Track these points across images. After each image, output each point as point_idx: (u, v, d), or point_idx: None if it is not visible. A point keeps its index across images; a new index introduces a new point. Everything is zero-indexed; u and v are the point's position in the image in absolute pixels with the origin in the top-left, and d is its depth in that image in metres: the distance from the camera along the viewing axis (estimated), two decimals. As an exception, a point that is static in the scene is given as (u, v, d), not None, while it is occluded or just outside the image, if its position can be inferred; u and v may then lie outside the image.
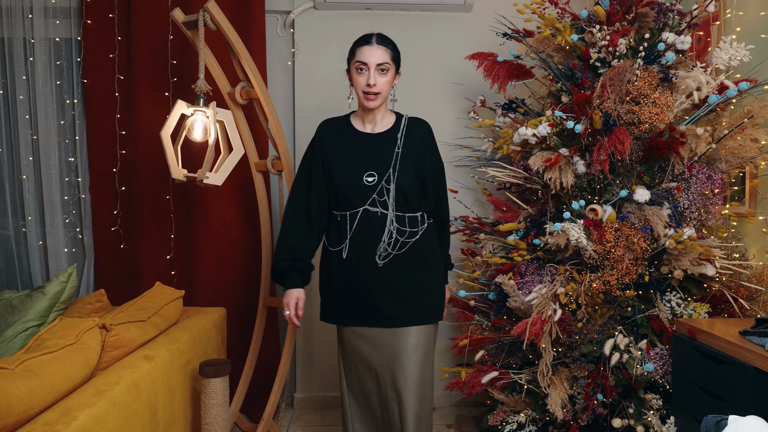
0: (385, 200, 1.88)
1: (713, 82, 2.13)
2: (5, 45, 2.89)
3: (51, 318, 2.15)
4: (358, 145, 1.94)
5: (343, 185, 1.90)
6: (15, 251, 2.98)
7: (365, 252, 1.88)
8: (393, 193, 1.87)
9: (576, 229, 2.06)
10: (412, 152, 1.93)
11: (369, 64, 1.87)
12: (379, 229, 1.87)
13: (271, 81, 3.05)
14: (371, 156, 1.91)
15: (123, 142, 2.89)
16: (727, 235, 2.28)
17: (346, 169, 1.91)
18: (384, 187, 1.87)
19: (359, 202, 1.89)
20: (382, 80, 1.89)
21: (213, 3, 2.24)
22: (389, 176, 1.88)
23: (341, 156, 1.93)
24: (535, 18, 2.46)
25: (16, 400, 1.30)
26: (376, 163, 1.90)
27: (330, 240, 1.97)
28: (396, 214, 1.88)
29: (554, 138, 2.25)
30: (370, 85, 1.86)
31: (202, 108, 2.29)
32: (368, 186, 1.88)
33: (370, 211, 1.88)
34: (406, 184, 1.88)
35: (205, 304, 2.85)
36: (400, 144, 1.93)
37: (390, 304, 1.88)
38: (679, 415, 1.89)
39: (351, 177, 1.89)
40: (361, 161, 1.91)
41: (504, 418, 2.29)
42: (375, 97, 1.89)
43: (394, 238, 1.88)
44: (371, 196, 1.88)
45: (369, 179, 1.88)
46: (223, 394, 2.09)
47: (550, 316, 2.06)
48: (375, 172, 1.89)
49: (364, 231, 1.89)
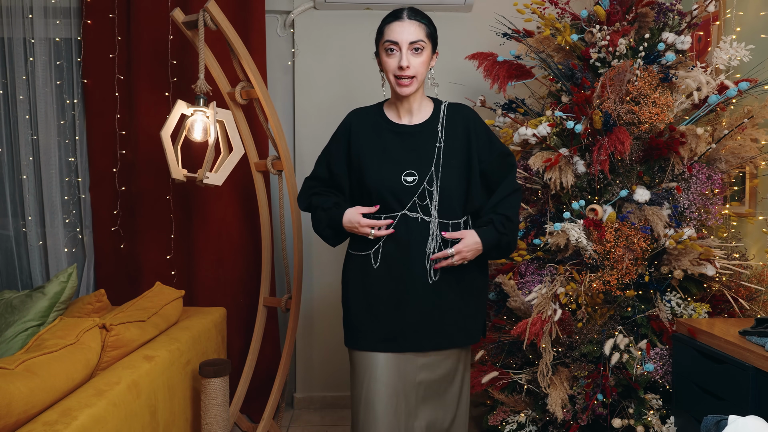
0: (427, 205, 1.62)
1: (713, 82, 2.13)
2: (5, 45, 2.89)
3: (51, 318, 2.15)
4: (394, 140, 1.67)
5: (377, 185, 1.63)
6: (15, 251, 2.98)
7: (399, 264, 1.62)
8: (437, 197, 1.61)
9: (576, 229, 2.06)
10: (455, 146, 1.66)
11: (401, 43, 1.59)
12: (421, 238, 1.61)
13: (271, 81, 3.05)
14: (410, 152, 1.65)
15: (123, 142, 2.89)
16: (727, 235, 2.28)
17: (382, 168, 1.64)
18: (426, 189, 1.61)
19: (397, 206, 1.62)
20: (416, 61, 1.60)
21: (213, 3, 2.24)
22: (431, 176, 1.62)
23: (375, 152, 1.66)
24: (535, 18, 2.46)
25: (16, 400, 1.30)
26: (416, 161, 1.63)
27: (354, 244, 1.70)
28: (440, 221, 1.62)
29: (554, 138, 2.25)
30: (403, 67, 1.59)
31: (202, 108, 2.29)
32: (407, 187, 1.62)
33: (409, 216, 1.62)
34: (451, 186, 1.63)
35: (205, 304, 2.85)
36: (442, 137, 1.65)
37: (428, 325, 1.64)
38: (679, 415, 1.89)
39: (388, 176, 1.63)
40: (399, 159, 1.64)
41: (504, 418, 2.29)
42: (410, 82, 1.61)
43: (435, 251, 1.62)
44: (411, 199, 1.62)
45: (408, 179, 1.62)
46: (223, 394, 2.09)
47: (550, 316, 2.06)
48: (415, 171, 1.62)
49: (401, 240, 1.62)
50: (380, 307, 1.64)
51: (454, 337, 1.67)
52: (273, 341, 2.94)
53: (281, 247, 2.91)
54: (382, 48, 1.64)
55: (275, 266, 2.99)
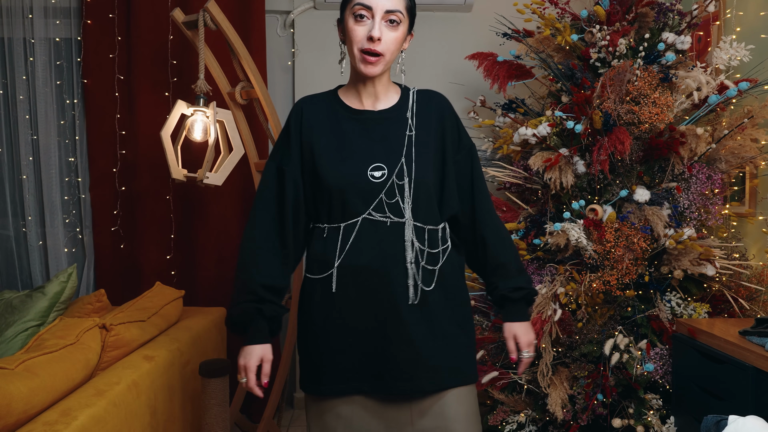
0: (398, 202, 1.28)
1: (713, 82, 2.13)
2: (5, 45, 2.89)
3: (51, 318, 2.15)
4: (355, 129, 1.34)
5: (339, 185, 1.29)
6: (15, 251, 2.98)
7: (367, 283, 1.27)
8: (411, 193, 1.29)
9: (576, 229, 2.06)
10: (428, 135, 1.36)
11: (375, 9, 1.26)
12: (391, 246, 1.27)
13: (271, 81, 3.05)
14: (376, 141, 1.33)
15: (123, 142, 2.89)
16: (727, 235, 2.28)
17: (342, 163, 1.31)
18: (395, 184, 1.29)
19: (362, 206, 1.28)
20: (390, 36, 1.29)
21: (213, 3, 2.24)
22: (402, 169, 1.30)
23: (332, 144, 1.33)
24: (535, 18, 2.46)
25: (16, 400, 1.30)
26: (384, 152, 1.31)
27: (310, 264, 1.34)
28: (415, 225, 1.30)
29: (554, 138, 2.25)
30: (374, 38, 1.26)
31: (202, 108, 2.29)
32: (375, 183, 1.28)
33: (374, 220, 1.28)
34: (426, 180, 1.32)
35: (205, 304, 2.85)
36: (412, 124, 1.35)
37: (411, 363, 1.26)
38: (679, 415, 1.89)
39: (350, 172, 1.29)
40: (363, 150, 1.32)
41: (504, 418, 2.29)
42: (376, 60, 1.29)
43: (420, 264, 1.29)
44: (378, 196, 1.28)
45: (376, 174, 1.29)
46: (223, 394, 2.09)
47: (550, 316, 2.06)
48: (384, 165, 1.30)
49: (365, 248, 1.27)
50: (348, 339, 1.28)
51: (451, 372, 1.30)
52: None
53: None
54: (349, 12, 1.29)
55: (275, 266, 2.99)
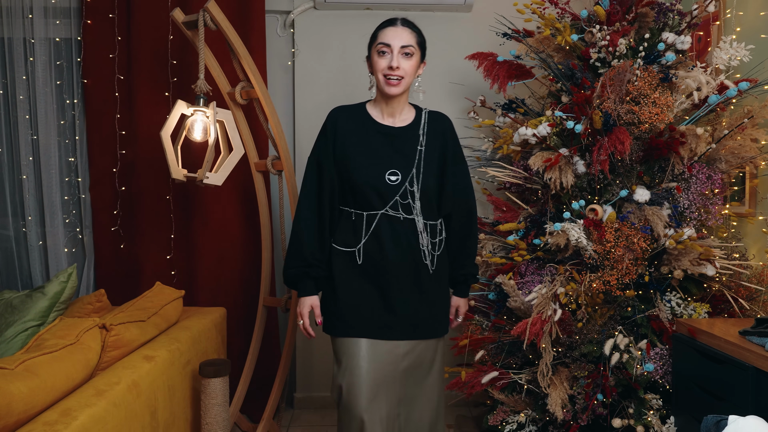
0: (409, 203, 1.72)
1: (713, 82, 2.13)
2: (5, 45, 2.89)
3: (51, 318, 2.15)
4: (379, 139, 1.75)
5: (364, 183, 1.70)
6: (15, 251, 2.98)
7: (384, 259, 1.71)
8: (419, 197, 1.72)
9: (576, 229, 2.06)
10: (434, 150, 1.77)
11: (393, 46, 1.70)
12: (404, 236, 1.71)
13: (271, 81, 3.05)
14: (395, 152, 1.73)
15: (123, 142, 2.89)
16: (727, 235, 2.28)
17: (367, 165, 1.71)
18: (407, 188, 1.71)
19: (380, 203, 1.71)
20: (406, 64, 1.70)
21: (213, 3, 2.24)
22: (413, 177, 1.72)
23: (361, 149, 1.74)
24: (535, 18, 2.46)
25: (16, 400, 1.30)
26: (400, 161, 1.72)
27: (338, 238, 1.77)
28: (424, 222, 1.74)
29: (554, 138, 2.25)
30: (393, 67, 1.68)
31: (202, 108, 2.29)
32: (391, 186, 1.70)
33: (390, 215, 1.71)
34: (430, 187, 1.74)
35: (205, 304, 2.85)
36: (423, 141, 1.77)
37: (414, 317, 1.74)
38: (679, 415, 1.89)
39: (373, 174, 1.70)
40: (383, 157, 1.72)
41: (504, 418, 2.29)
42: (398, 83, 1.70)
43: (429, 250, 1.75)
44: (394, 197, 1.71)
45: (392, 178, 1.71)
46: (223, 394, 2.09)
47: (550, 316, 2.06)
48: (398, 171, 1.71)
49: (382, 236, 1.70)
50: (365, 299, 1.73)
51: (436, 327, 1.80)
52: (273, 341, 2.93)
53: (281, 247, 2.91)
54: (374, 50, 1.74)
55: (275, 266, 2.99)
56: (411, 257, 1.72)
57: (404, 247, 1.71)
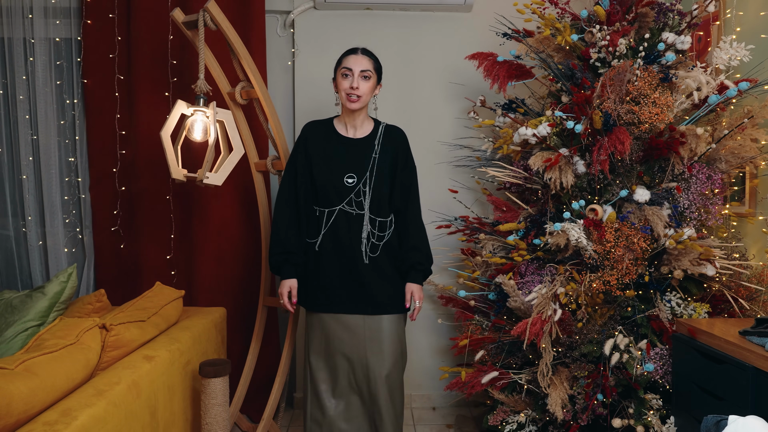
0: (361, 201, 2.09)
1: (713, 82, 2.13)
2: (5, 45, 2.89)
3: (51, 318, 2.15)
4: (340, 148, 2.14)
5: (325, 184, 2.09)
6: (15, 251, 2.98)
7: (339, 247, 2.09)
8: (369, 196, 2.09)
9: (576, 229, 2.06)
10: (386, 158, 2.13)
11: (353, 70, 2.07)
12: (355, 228, 2.08)
13: (271, 81, 3.05)
14: (352, 159, 2.12)
15: (123, 142, 2.89)
16: (727, 235, 2.28)
17: (328, 169, 2.10)
18: (361, 189, 2.09)
19: (338, 200, 2.09)
20: (364, 85, 2.08)
21: (213, 3, 2.24)
22: (366, 179, 2.09)
23: (324, 157, 2.13)
24: (535, 18, 2.46)
25: (16, 400, 1.30)
26: (356, 166, 2.10)
27: (308, 232, 2.15)
28: (370, 216, 2.09)
29: (554, 138, 2.25)
30: (354, 87, 2.06)
31: (202, 108, 2.29)
32: (347, 186, 2.08)
33: (346, 210, 2.09)
34: (381, 188, 2.10)
35: (205, 304, 2.85)
36: (377, 150, 2.14)
37: (364, 297, 2.08)
38: (679, 415, 1.89)
39: (332, 176, 2.09)
40: (342, 163, 2.11)
41: (504, 418, 2.29)
42: (357, 100, 2.08)
43: (370, 240, 2.10)
44: (349, 195, 2.08)
45: (349, 180, 2.09)
46: (223, 394, 2.09)
47: (550, 316, 2.06)
48: (354, 174, 2.09)
49: (339, 228, 2.09)
50: (324, 280, 2.11)
51: (384, 305, 2.10)
52: (273, 341, 2.93)
53: (281, 247, 2.91)
54: (339, 73, 2.11)
55: (275, 266, 2.99)
56: (360, 247, 2.09)
57: (355, 239, 2.09)
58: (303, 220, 2.14)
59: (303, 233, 2.14)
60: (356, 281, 2.08)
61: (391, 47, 3.04)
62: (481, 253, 2.52)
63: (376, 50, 3.05)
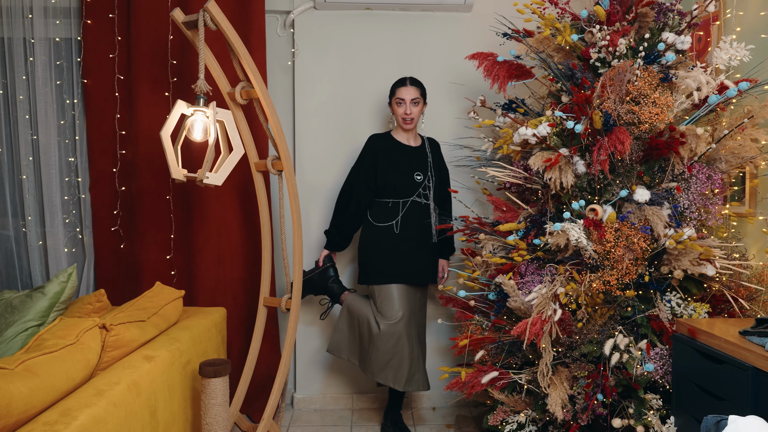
0: (428, 194, 2.74)
1: (713, 82, 2.13)
2: (5, 45, 2.89)
3: (51, 318, 2.15)
4: (405, 153, 2.75)
5: (397, 181, 2.69)
6: (15, 251, 2.99)
7: (413, 229, 2.69)
8: (433, 189, 2.75)
9: (576, 229, 2.06)
10: (434, 161, 2.79)
11: (405, 100, 2.66)
12: (425, 214, 2.72)
13: (271, 81, 3.05)
14: (417, 162, 2.75)
15: (123, 142, 2.89)
16: (727, 235, 2.28)
17: (400, 169, 2.71)
18: (426, 184, 2.73)
19: (410, 193, 2.71)
20: (415, 110, 2.69)
21: (213, 3, 2.24)
22: (429, 177, 2.75)
23: (394, 160, 2.72)
24: (535, 18, 2.46)
25: (16, 400, 1.30)
26: (420, 167, 2.75)
27: (377, 219, 2.72)
28: (432, 204, 2.75)
29: (554, 138, 2.25)
30: (407, 113, 2.68)
31: (202, 108, 2.28)
32: (417, 182, 2.71)
33: (417, 201, 2.72)
34: (435, 183, 2.76)
35: (205, 304, 2.85)
36: (429, 155, 2.79)
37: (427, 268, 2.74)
38: (679, 415, 1.89)
39: (404, 174, 2.70)
40: (410, 164, 2.73)
41: (504, 418, 2.29)
42: (411, 123, 2.71)
43: (434, 223, 2.74)
44: (418, 189, 2.71)
45: (417, 177, 2.72)
46: (223, 394, 2.09)
47: (550, 316, 2.06)
48: (421, 173, 2.73)
49: (412, 214, 2.70)
50: (398, 256, 2.68)
51: (432, 277, 2.80)
52: (273, 341, 2.93)
53: (281, 247, 2.91)
54: (394, 101, 2.71)
55: (275, 266, 2.99)
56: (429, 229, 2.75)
57: (424, 222, 2.73)
58: (353, 215, 2.72)
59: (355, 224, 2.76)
60: (417, 258, 2.69)
61: (391, 47, 3.04)
62: (481, 253, 2.52)
63: (376, 50, 3.06)
